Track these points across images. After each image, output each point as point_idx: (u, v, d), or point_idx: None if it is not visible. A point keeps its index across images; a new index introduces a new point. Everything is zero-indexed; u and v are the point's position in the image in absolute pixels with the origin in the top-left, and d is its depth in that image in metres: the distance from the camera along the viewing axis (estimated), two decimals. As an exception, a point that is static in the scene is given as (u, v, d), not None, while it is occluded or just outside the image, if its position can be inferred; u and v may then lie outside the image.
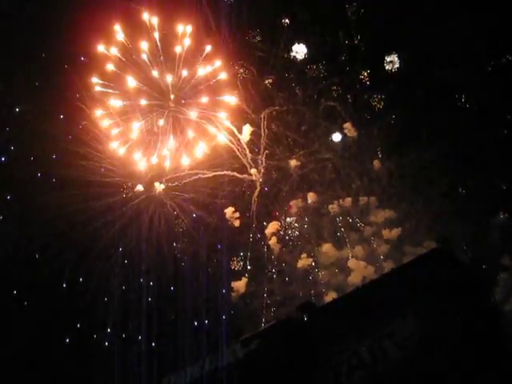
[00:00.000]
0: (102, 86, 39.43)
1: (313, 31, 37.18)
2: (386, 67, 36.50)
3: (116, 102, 39.04)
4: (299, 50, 38.46)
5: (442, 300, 21.81)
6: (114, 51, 39.00)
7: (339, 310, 24.52)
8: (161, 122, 39.21)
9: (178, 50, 38.55)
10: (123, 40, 38.96)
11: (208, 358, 24.26)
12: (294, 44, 38.24)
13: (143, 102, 39.08)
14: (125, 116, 39.21)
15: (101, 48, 39.15)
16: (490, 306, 22.83)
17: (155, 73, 38.88)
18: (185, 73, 38.86)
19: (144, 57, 38.90)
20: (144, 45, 38.91)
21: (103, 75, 39.28)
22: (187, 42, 38.60)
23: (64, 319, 33.65)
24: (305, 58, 37.87)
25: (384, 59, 36.69)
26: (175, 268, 34.80)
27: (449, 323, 21.36)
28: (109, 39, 38.98)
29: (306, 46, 38.02)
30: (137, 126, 39.24)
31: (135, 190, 38.61)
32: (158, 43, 38.52)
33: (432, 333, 21.51)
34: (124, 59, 39.40)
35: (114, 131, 39.39)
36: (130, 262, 35.87)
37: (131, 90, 39.24)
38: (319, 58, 38.02)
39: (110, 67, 39.22)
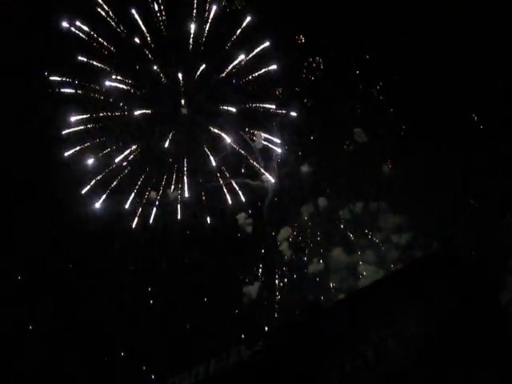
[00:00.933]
0: (67, 85, 25.13)
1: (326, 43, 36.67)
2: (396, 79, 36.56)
3: (89, 113, 23.78)
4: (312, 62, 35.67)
5: (446, 301, 21.87)
6: (87, 28, 24.13)
7: (343, 310, 24.65)
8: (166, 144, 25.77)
9: (191, 26, 23.91)
10: (102, 11, 24.27)
11: (213, 359, 24.54)
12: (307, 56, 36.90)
13: (137, 111, 25.05)
14: (103, 139, 24.77)
15: (65, 24, 24.39)
16: (495, 307, 22.75)
17: (155, 64, 24.97)
18: (204, 64, 24.64)
19: (136, 38, 23.94)
20: (136, 17, 23.40)
21: (68, 67, 24.96)
22: (213, 9, 23.06)
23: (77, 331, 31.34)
24: (319, 69, 37.30)
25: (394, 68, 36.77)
26: (185, 272, 34.36)
27: (453, 324, 21.39)
28: (79, 10, 24.22)
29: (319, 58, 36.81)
30: (121, 156, 24.04)
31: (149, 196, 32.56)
32: (159, 13, 24.00)
33: (436, 334, 21.59)
34: (103, 42, 24.83)
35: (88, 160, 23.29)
36: (142, 269, 33.79)
37: (115, 92, 24.92)
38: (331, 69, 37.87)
39: (78, 55, 24.32)
